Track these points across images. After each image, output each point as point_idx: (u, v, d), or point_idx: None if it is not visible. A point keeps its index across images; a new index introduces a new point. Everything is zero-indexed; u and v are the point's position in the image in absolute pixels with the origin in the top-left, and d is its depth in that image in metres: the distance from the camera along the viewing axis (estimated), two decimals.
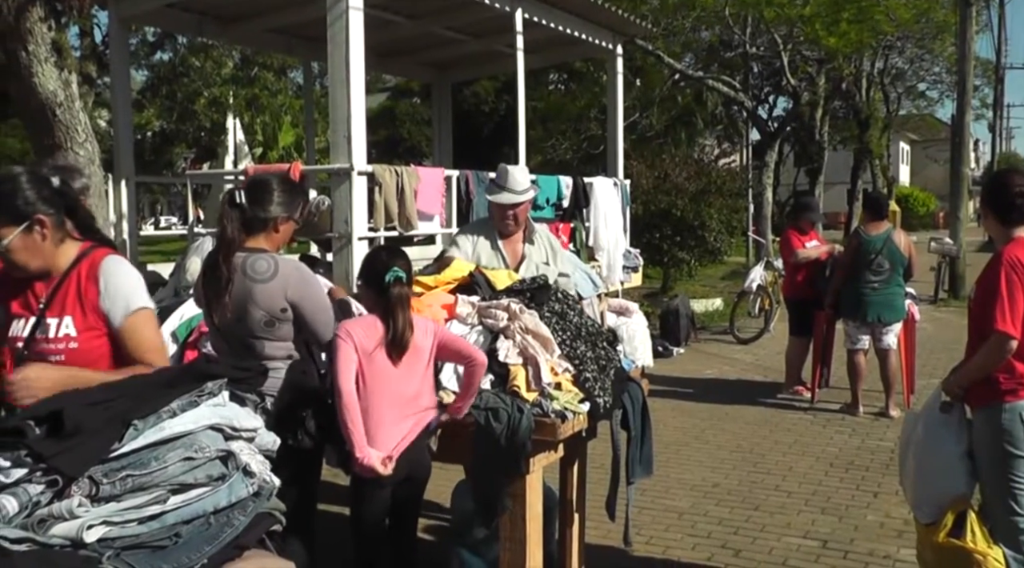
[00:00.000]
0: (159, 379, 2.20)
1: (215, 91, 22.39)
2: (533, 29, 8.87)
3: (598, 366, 4.12)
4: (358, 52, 6.34)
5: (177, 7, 8.34)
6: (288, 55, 14.84)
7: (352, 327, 3.52)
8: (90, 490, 1.89)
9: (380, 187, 6.31)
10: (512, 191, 4.92)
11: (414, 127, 29.18)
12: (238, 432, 2.17)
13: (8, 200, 2.71)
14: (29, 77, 6.29)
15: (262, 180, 3.80)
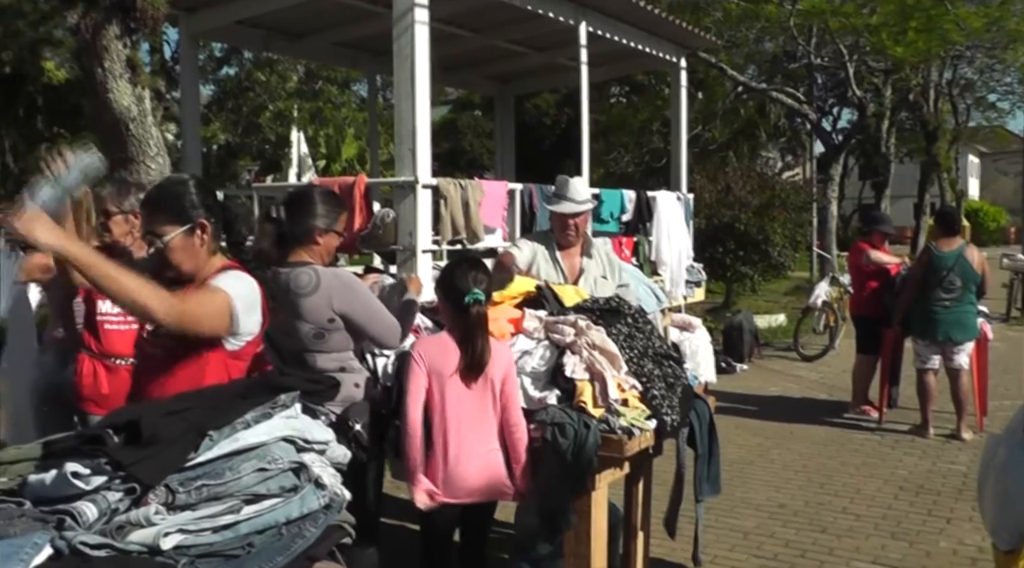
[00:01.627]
0: (233, 390, 2.22)
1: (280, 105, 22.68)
2: (597, 42, 8.87)
3: (666, 383, 4.07)
4: (423, 65, 6.38)
5: (245, 23, 8.48)
6: (353, 69, 14.99)
7: (427, 348, 3.50)
8: (167, 498, 1.91)
9: (445, 200, 6.33)
10: (572, 201, 4.91)
11: (476, 140, 29.29)
12: (310, 444, 2.18)
13: (177, 201, 2.82)
14: (104, 93, 6.43)
15: (302, 193, 3.78)
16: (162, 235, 2.80)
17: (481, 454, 3.49)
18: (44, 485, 1.94)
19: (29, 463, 2.14)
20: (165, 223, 2.81)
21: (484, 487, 3.51)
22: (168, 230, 2.80)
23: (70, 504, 1.86)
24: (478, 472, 3.49)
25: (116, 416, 2.07)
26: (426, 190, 6.29)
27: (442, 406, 3.45)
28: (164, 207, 2.85)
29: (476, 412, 3.50)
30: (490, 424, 3.54)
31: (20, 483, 2.04)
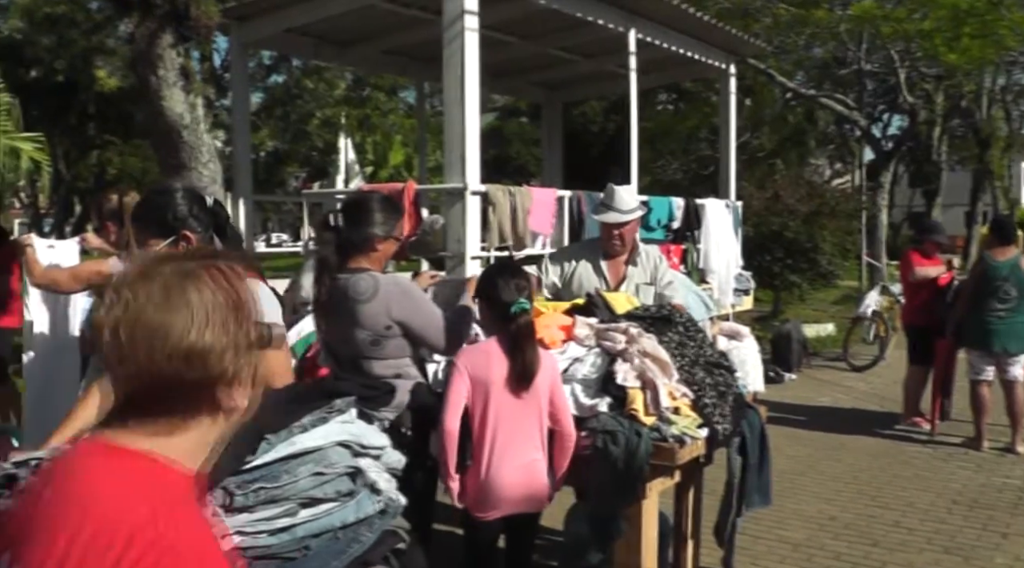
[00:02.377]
0: (290, 394, 2.23)
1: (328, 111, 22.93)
2: (646, 49, 8.84)
3: (717, 392, 4.03)
4: (473, 72, 6.39)
5: (295, 31, 8.56)
6: (401, 76, 15.09)
7: (471, 358, 3.45)
8: (224, 500, 1.93)
9: (494, 207, 6.34)
10: (619, 211, 4.87)
11: (522, 147, 29.35)
12: (366, 449, 2.18)
13: (160, 213, 2.86)
14: (158, 100, 6.53)
15: (360, 200, 3.77)
16: (149, 248, 2.83)
17: (523, 465, 3.45)
18: None
19: None
20: (150, 237, 2.85)
21: (523, 498, 3.48)
22: (154, 243, 2.82)
23: None
24: (517, 483, 3.45)
25: None
26: (475, 197, 6.30)
27: (483, 416, 3.40)
28: (149, 221, 2.89)
29: (520, 422, 3.45)
30: (534, 434, 3.49)
31: None
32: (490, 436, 3.41)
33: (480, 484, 3.43)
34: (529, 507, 3.53)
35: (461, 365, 3.43)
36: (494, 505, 3.45)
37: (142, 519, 1.17)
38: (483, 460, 3.41)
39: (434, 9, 7.27)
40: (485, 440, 3.41)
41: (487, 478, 3.41)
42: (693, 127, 22.56)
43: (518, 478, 3.44)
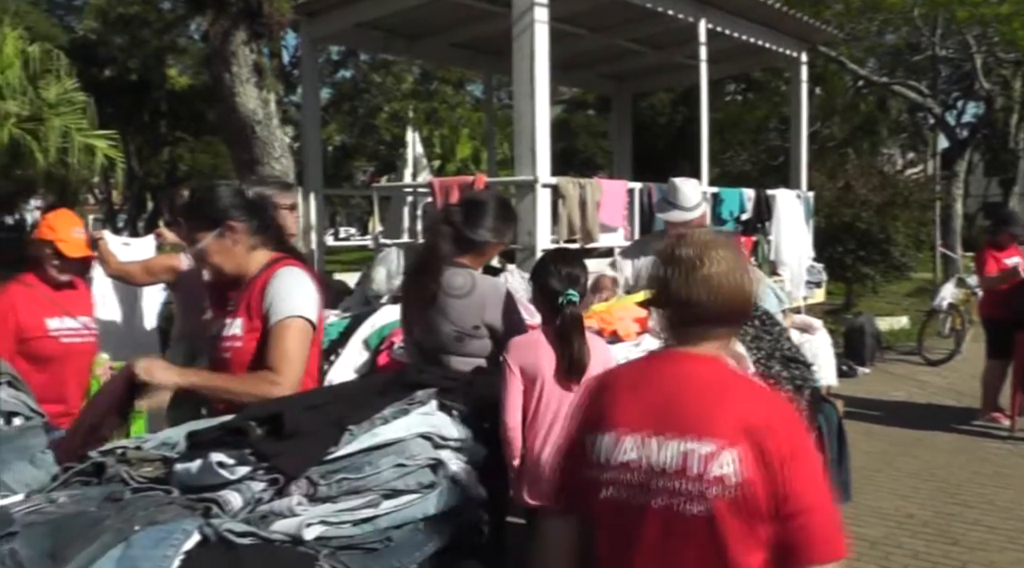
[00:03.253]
0: (371, 386, 2.25)
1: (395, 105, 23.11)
2: (716, 39, 8.75)
3: (793, 386, 3.98)
4: (543, 65, 6.38)
5: (365, 26, 8.62)
6: (470, 69, 15.13)
7: (518, 352, 3.35)
8: (308, 490, 1.95)
9: (564, 199, 6.32)
10: (682, 208, 4.80)
11: (589, 139, 29.25)
12: (446, 441, 2.19)
13: (205, 207, 3.00)
14: (231, 97, 6.62)
15: (480, 201, 3.77)
16: (198, 241, 2.97)
17: None
18: (191, 474, 2.00)
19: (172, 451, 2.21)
20: (198, 230, 2.99)
21: None
22: (202, 236, 2.97)
23: (216, 492, 1.91)
24: None
25: (258, 409, 2.12)
26: (545, 189, 6.29)
27: (536, 408, 3.33)
28: (196, 216, 3.05)
29: (565, 410, 3.38)
30: None
31: (167, 471, 2.10)
32: (544, 427, 3.34)
33: (534, 474, 3.38)
34: None
35: (511, 361, 3.34)
36: (545, 492, 3.40)
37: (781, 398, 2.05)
38: (535, 450, 3.37)
39: (503, 2, 7.26)
40: (539, 432, 3.34)
41: (538, 466, 3.35)
42: (763, 117, 22.27)
43: None
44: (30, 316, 4.06)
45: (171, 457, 2.17)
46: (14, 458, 2.33)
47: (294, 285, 2.90)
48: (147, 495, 1.98)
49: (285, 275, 2.92)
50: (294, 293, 2.88)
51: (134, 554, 1.74)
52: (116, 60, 25.16)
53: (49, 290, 4.20)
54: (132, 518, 1.84)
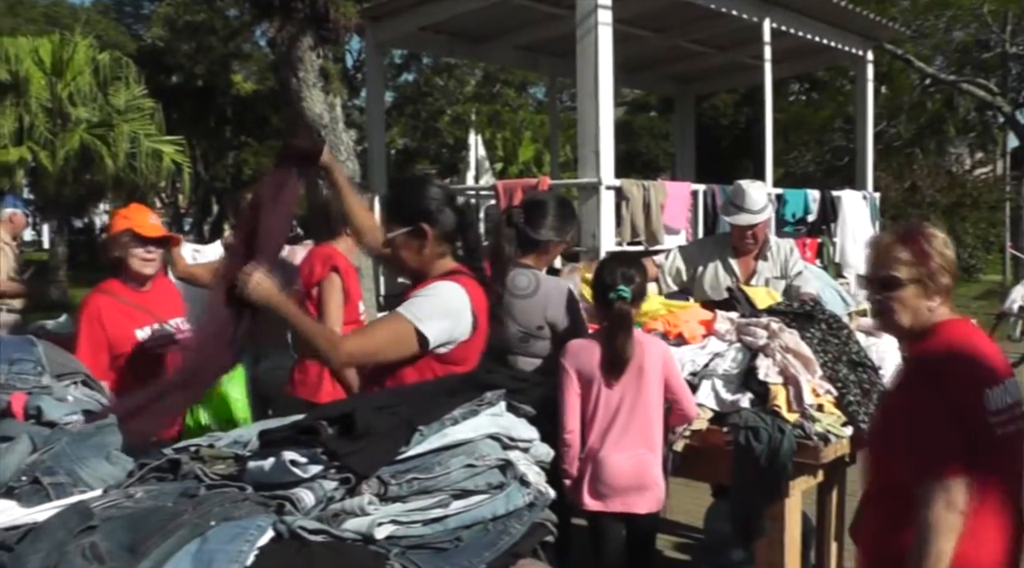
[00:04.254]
0: (440, 387, 2.26)
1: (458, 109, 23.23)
2: (780, 38, 8.67)
3: (861, 390, 3.92)
4: (607, 67, 6.38)
5: (429, 30, 8.69)
6: (533, 71, 15.16)
7: (574, 354, 3.43)
8: (379, 489, 1.95)
9: (627, 201, 6.31)
10: (749, 211, 4.75)
11: (651, 141, 29.15)
12: (515, 442, 2.19)
13: (407, 202, 2.97)
14: (298, 101, 6.70)
15: (540, 202, 3.81)
16: (391, 232, 2.95)
17: (633, 456, 3.39)
18: (263, 471, 2.03)
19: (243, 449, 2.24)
20: (392, 221, 2.96)
21: (634, 490, 3.40)
22: (394, 228, 2.93)
23: (288, 490, 1.93)
24: (627, 473, 3.39)
25: (330, 409, 2.14)
26: (609, 191, 6.29)
27: (594, 409, 3.40)
28: (394, 206, 3.05)
29: (631, 413, 3.40)
30: (647, 426, 3.43)
31: (239, 469, 2.14)
32: (600, 427, 3.39)
33: (591, 474, 3.40)
34: (642, 504, 3.45)
35: (567, 365, 3.41)
36: (599, 494, 3.40)
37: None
38: (593, 450, 3.39)
39: (567, 4, 7.27)
40: (595, 431, 3.40)
41: (595, 466, 3.38)
42: (827, 117, 21.99)
43: (627, 469, 3.38)
44: (117, 328, 3.81)
45: (243, 455, 2.20)
46: (91, 455, 2.38)
47: (434, 297, 2.85)
48: (222, 492, 2.00)
49: (439, 287, 2.87)
50: (427, 303, 2.83)
51: (210, 548, 1.76)
52: (183, 67, 25.65)
53: (135, 295, 3.94)
54: (208, 514, 1.87)
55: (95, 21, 25.62)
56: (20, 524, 2.01)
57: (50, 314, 11.22)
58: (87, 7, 29.96)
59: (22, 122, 16.85)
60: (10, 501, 2.17)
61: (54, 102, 17.37)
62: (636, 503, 3.42)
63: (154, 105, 18.59)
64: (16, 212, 7.76)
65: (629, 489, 3.40)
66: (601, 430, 3.39)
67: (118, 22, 28.73)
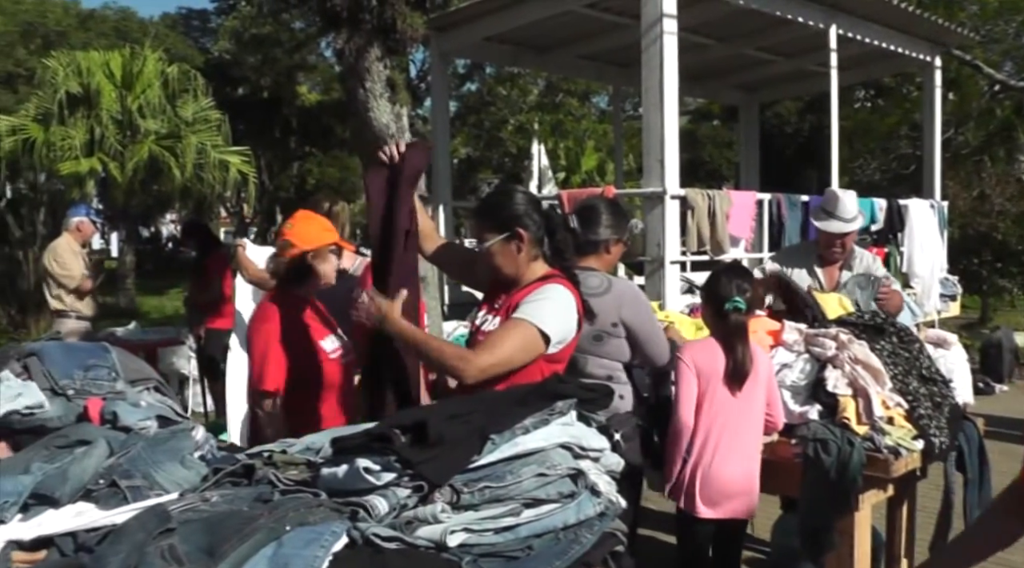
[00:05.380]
0: (512, 396, 2.27)
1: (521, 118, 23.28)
2: (846, 45, 8.58)
3: (932, 403, 3.85)
4: (672, 76, 6.37)
5: (493, 40, 8.74)
6: (597, 81, 15.18)
7: (696, 353, 3.50)
8: (452, 498, 1.97)
9: (692, 210, 6.28)
10: (842, 219, 4.74)
11: (715, 150, 28.97)
12: (586, 451, 2.19)
13: (499, 209, 3.06)
14: (365, 112, 6.75)
15: (591, 204, 3.86)
16: (484, 241, 3.03)
17: (742, 464, 3.44)
18: (337, 478, 2.05)
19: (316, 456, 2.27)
20: (487, 230, 3.04)
21: (739, 498, 3.43)
22: (489, 236, 3.02)
23: (362, 497, 1.95)
24: (736, 481, 3.43)
25: (403, 417, 2.16)
26: (674, 201, 6.27)
27: (708, 411, 3.44)
28: (486, 215, 3.09)
29: (741, 421, 3.45)
30: (754, 436, 3.49)
31: (312, 475, 2.16)
32: (713, 432, 3.42)
33: (699, 479, 3.42)
34: (741, 511, 3.48)
35: (688, 359, 3.47)
36: (711, 502, 3.42)
37: None
38: (704, 455, 3.42)
39: (631, 13, 7.27)
40: (708, 435, 3.42)
41: (707, 474, 3.40)
42: (893, 124, 21.64)
43: (737, 477, 3.42)
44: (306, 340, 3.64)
45: (315, 461, 2.23)
46: (166, 459, 2.43)
47: (550, 299, 2.94)
48: (296, 497, 2.03)
49: (549, 289, 2.97)
50: (545, 305, 2.92)
51: (286, 552, 1.79)
52: (249, 79, 26.05)
53: (308, 305, 3.77)
54: (284, 518, 1.90)
55: (163, 35, 26.13)
56: (99, 526, 2.07)
57: (119, 321, 11.55)
58: (156, 21, 30.56)
59: (93, 134, 17.21)
60: (88, 503, 2.24)
61: (124, 114, 17.72)
62: (740, 509, 3.46)
63: (221, 117, 18.88)
64: (84, 220, 7.97)
65: (737, 496, 3.44)
66: (716, 436, 3.43)
67: (186, 36, 29.27)
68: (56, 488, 2.25)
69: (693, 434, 3.44)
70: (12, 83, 24.92)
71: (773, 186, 8.64)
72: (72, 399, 2.89)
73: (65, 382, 2.93)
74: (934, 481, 4.21)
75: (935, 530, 4.22)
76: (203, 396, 8.15)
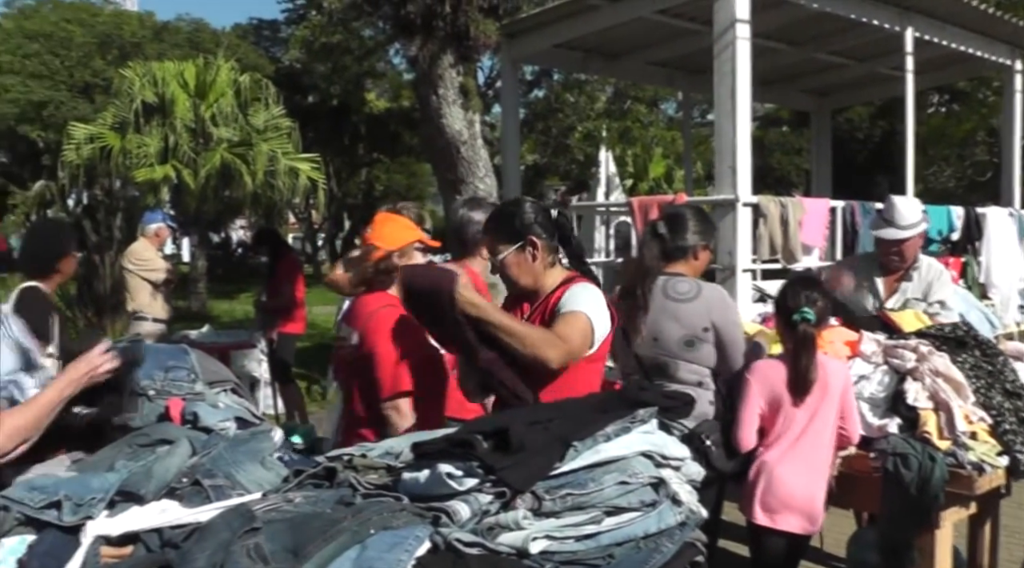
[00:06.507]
0: (593, 404, 2.27)
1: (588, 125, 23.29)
2: (922, 48, 8.40)
3: (1018, 418, 3.74)
4: (744, 82, 6.31)
5: (563, 46, 8.73)
6: (667, 87, 15.13)
7: (764, 372, 3.49)
8: (533, 504, 1.97)
9: (765, 218, 6.20)
10: (898, 226, 4.61)
11: (783, 157, 28.60)
12: (667, 460, 2.18)
13: (509, 220, 3.09)
14: (438, 118, 6.82)
15: (679, 212, 3.87)
16: (498, 253, 3.06)
17: (809, 476, 3.39)
18: (418, 483, 2.06)
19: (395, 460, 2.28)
20: (500, 242, 3.07)
21: (802, 511, 3.38)
22: (502, 248, 3.06)
23: (444, 502, 1.96)
24: (801, 492, 3.38)
25: (483, 423, 2.17)
26: (746, 208, 6.20)
27: (778, 428, 3.42)
28: (498, 228, 3.12)
29: (804, 432, 3.40)
30: (815, 447, 3.41)
31: (392, 479, 2.18)
32: (782, 445, 3.40)
33: (760, 485, 3.40)
34: (799, 526, 3.42)
35: (754, 381, 3.46)
36: (769, 509, 3.39)
37: None
38: (767, 462, 3.39)
39: (703, 19, 7.23)
40: (776, 449, 3.40)
41: (769, 481, 3.38)
42: (969, 130, 21.15)
43: (799, 488, 3.38)
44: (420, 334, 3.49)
45: (395, 466, 2.25)
46: (246, 460, 2.47)
47: (587, 296, 2.98)
48: (379, 501, 2.05)
49: (580, 289, 3.01)
50: (586, 300, 2.96)
51: (370, 555, 1.80)
52: (318, 87, 26.38)
53: None
54: (367, 522, 1.91)
55: (235, 45, 26.52)
56: (184, 523, 2.11)
57: (191, 324, 11.75)
58: (228, 32, 31.06)
59: (167, 142, 17.56)
60: (172, 501, 2.28)
61: (197, 123, 18.05)
62: (802, 523, 3.40)
63: (291, 124, 19.12)
64: (162, 226, 8.15)
65: (799, 509, 3.40)
66: (782, 449, 3.41)
67: (256, 45, 29.69)
68: (141, 485, 2.30)
69: (764, 448, 3.42)
70: (89, 93, 25.56)
71: (844, 193, 8.52)
72: (153, 399, 2.95)
73: (146, 383, 2.99)
74: (1017, 499, 4.10)
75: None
76: (274, 399, 8.26)
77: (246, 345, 8.82)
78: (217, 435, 2.68)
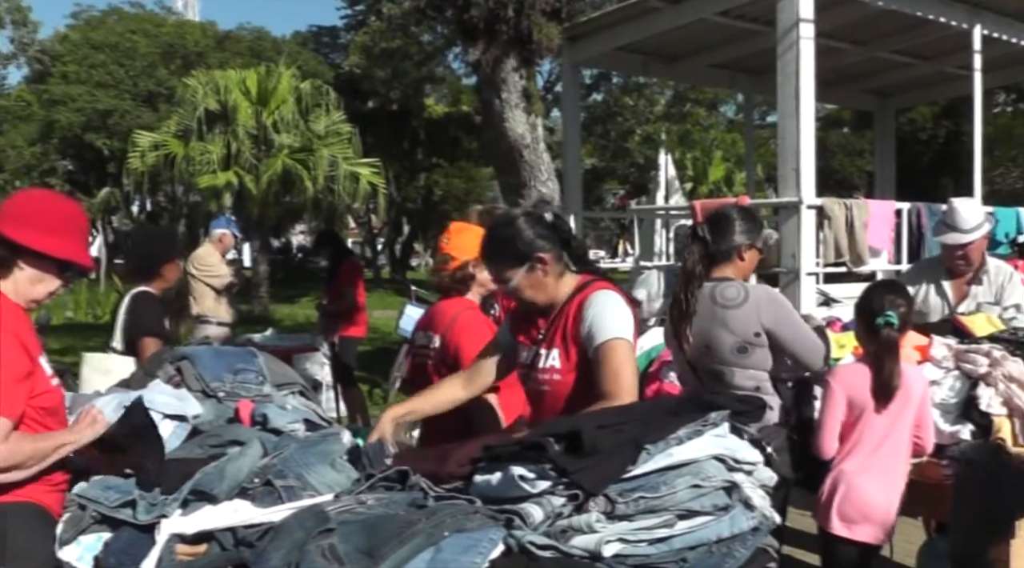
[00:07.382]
0: (664, 406, 2.26)
1: (648, 128, 23.24)
2: (990, 46, 8.22)
3: None
4: (808, 83, 6.24)
5: (624, 49, 8.70)
6: (729, 89, 15.00)
7: (846, 377, 3.43)
8: (606, 507, 1.97)
9: (829, 221, 6.13)
10: (960, 230, 4.52)
11: (845, 158, 28.23)
12: (740, 464, 2.16)
13: (510, 244, 2.92)
14: (500, 122, 6.82)
15: (722, 212, 3.77)
16: (508, 280, 2.92)
17: (886, 484, 3.33)
18: (491, 485, 2.08)
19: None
20: (505, 269, 2.93)
21: (878, 520, 3.32)
22: (511, 274, 2.91)
23: (517, 505, 1.97)
24: (878, 501, 3.31)
25: (554, 426, 2.17)
26: (810, 211, 6.13)
27: (858, 435, 3.35)
28: (500, 254, 2.97)
29: (889, 440, 3.34)
30: (894, 455, 3.35)
31: (463, 482, 2.19)
32: (862, 453, 3.34)
33: (838, 495, 3.33)
34: (875, 536, 3.36)
35: (836, 386, 3.39)
36: (847, 519, 3.33)
37: None
38: (846, 472, 3.33)
39: (765, 20, 7.16)
40: (852, 452, 3.35)
41: (848, 491, 3.31)
42: None
43: (877, 497, 3.32)
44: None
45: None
46: (317, 461, 2.50)
47: (610, 308, 2.86)
48: (453, 503, 2.07)
49: (600, 299, 2.88)
50: (612, 316, 2.84)
51: (444, 558, 1.82)
52: (378, 92, 26.64)
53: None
54: (441, 524, 1.93)
55: (295, 52, 26.90)
56: (258, 523, 2.14)
57: (254, 328, 11.90)
58: (288, 40, 31.49)
59: (230, 148, 17.89)
60: (244, 501, 2.32)
61: (259, 129, 18.35)
62: (874, 534, 3.35)
63: (351, 130, 19.34)
64: (226, 232, 8.27)
65: (874, 519, 3.34)
66: (862, 456, 3.35)
67: (316, 52, 30.05)
68: (214, 485, 2.34)
69: (842, 455, 3.37)
70: (153, 102, 26.11)
71: (907, 195, 8.37)
72: (222, 401, 3.01)
73: (216, 385, 3.06)
74: None
75: None
76: (336, 402, 8.33)
77: (309, 349, 8.92)
78: (287, 437, 2.72)
